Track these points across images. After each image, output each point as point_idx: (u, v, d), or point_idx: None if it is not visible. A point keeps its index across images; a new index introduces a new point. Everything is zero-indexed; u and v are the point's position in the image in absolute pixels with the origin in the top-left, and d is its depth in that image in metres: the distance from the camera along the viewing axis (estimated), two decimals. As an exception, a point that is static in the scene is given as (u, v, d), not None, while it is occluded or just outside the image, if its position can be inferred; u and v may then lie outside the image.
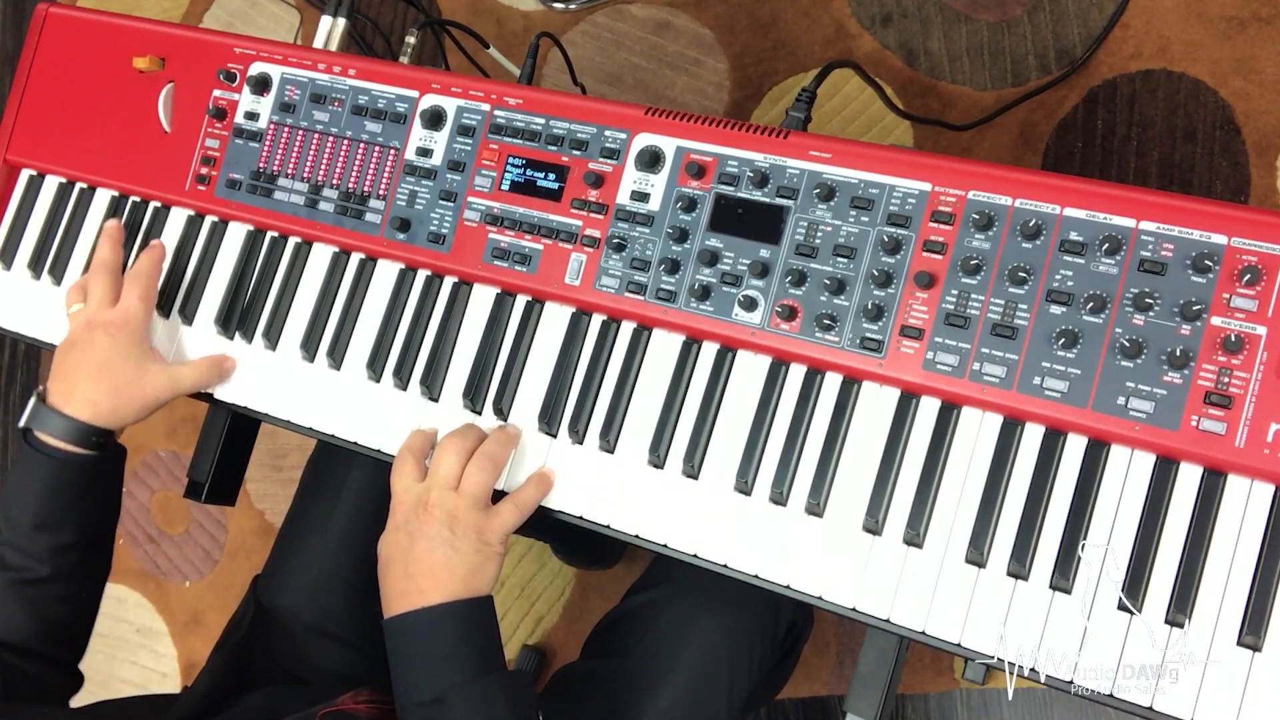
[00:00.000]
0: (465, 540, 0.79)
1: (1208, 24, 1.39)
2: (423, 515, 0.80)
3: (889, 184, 0.80)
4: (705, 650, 0.91)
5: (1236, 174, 1.35)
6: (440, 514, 0.80)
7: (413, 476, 0.83)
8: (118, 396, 0.89)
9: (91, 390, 0.88)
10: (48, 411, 0.88)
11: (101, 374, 0.89)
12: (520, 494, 0.84)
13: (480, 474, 0.81)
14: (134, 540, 1.93)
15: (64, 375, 0.89)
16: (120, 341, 0.90)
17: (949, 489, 0.76)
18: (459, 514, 0.80)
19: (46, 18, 1.09)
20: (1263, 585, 0.68)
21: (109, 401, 0.88)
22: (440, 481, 0.81)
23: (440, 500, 0.80)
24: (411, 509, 0.81)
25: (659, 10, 1.67)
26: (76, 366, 0.89)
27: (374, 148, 0.95)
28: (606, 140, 0.88)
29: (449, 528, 0.79)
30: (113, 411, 0.89)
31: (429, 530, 0.79)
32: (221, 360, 0.96)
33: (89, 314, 0.92)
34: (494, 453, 0.83)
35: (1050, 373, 0.74)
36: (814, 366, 0.81)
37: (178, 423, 1.93)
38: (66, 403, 0.88)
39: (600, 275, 0.87)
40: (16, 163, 1.10)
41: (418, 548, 0.79)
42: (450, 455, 0.82)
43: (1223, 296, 0.71)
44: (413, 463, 0.84)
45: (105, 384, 0.89)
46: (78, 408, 0.88)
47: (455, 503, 0.80)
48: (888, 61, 1.54)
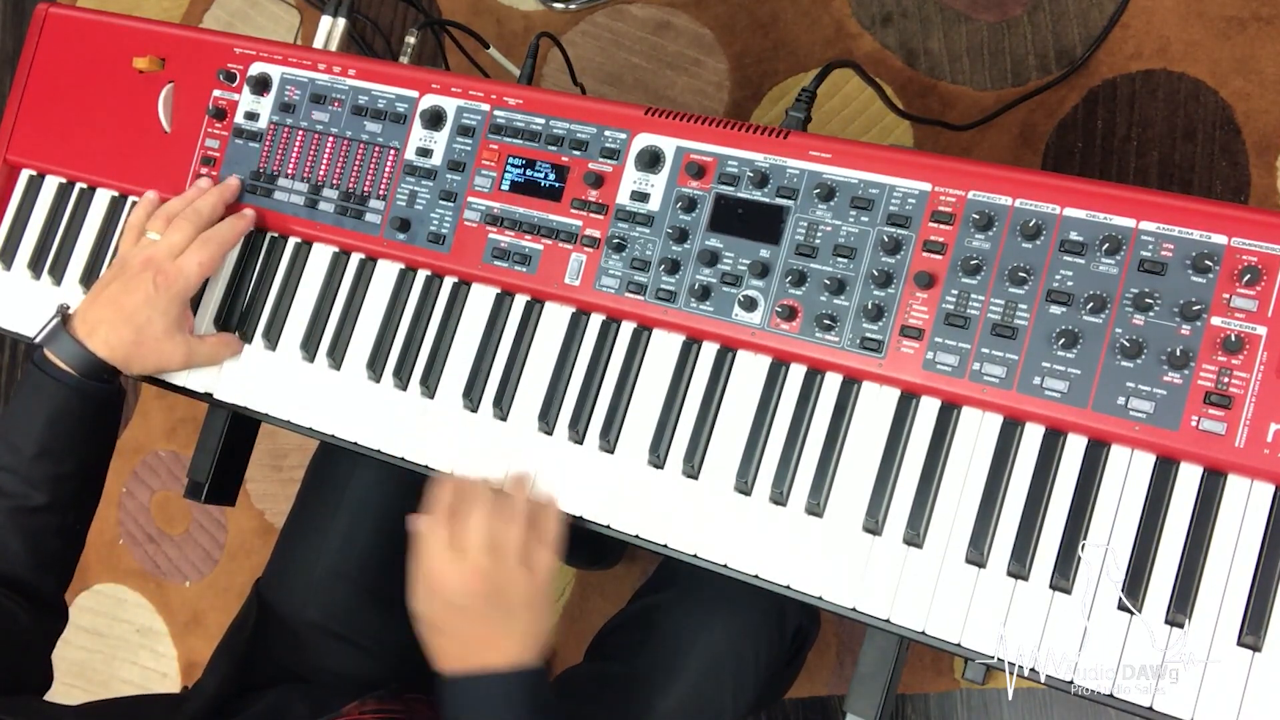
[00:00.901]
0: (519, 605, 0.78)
1: (1208, 24, 1.39)
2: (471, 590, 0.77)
3: (889, 184, 0.80)
4: (711, 654, 0.91)
5: (1236, 174, 1.35)
6: (488, 586, 0.77)
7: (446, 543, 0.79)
8: (137, 348, 0.89)
9: (114, 334, 0.88)
10: (66, 337, 0.88)
11: (131, 321, 0.89)
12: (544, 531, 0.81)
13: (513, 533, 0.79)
14: (134, 540, 1.93)
15: (97, 307, 0.89)
16: (161, 298, 0.89)
17: (949, 489, 0.76)
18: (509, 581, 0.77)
19: (46, 18, 1.09)
20: (1263, 585, 0.68)
21: (126, 350, 0.89)
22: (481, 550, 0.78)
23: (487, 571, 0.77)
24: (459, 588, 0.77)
25: (659, 10, 1.67)
26: (110, 302, 0.89)
27: (374, 148, 0.95)
28: (606, 140, 0.88)
29: (500, 597, 0.77)
30: (126, 359, 0.89)
31: (479, 605, 0.77)
32: (233, 340, 0.96)
33: (151, 253, 0.91)
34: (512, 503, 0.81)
35: (1050, 373, 0.74)
36: (814, 366, 0.81)
37: (177, 423, 1.93)
38: (88, 336, 0.88)
39: (600, 275, 0.87)
40: (16, 163, 1.10)
41: (471, 622, 0.78)
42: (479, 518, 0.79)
43: (1223, 296, 0.71)
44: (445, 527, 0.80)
45: (130, 332, 0.89)
46: (97, 344, 0.88)
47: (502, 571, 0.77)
48: (888, 61, 1.53)
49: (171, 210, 0.94)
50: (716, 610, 0.92)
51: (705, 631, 0.92)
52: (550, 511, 0.83)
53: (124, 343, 0.88)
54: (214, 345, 0.95)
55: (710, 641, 0.91)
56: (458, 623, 0.78)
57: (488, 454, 0.88)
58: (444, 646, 0.79)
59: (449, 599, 0.78)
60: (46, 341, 0.89)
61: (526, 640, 0.78)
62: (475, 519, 0.79)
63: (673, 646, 0.92)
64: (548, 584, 0.80)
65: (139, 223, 0.95)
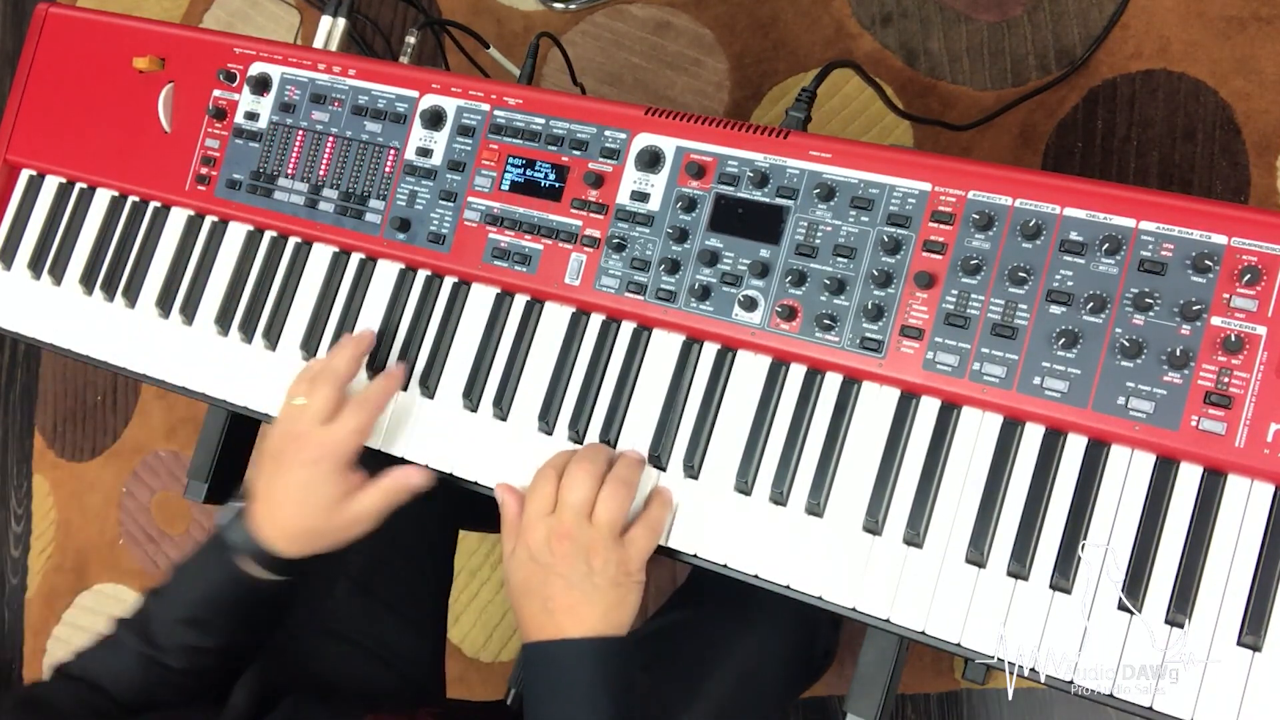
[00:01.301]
0: (605, 575, 0.76)
1: (1208, 24, 1.39)
2: (557, 548, 0.77)
3: (889, 184, 0.80)
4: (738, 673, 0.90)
5: (1236, 174, 1.35)
6: (577, 549, 0.76)
7: (548, 499, 0.79)
8: (310, 536, 0.84)
9: (290, 524, 0.83)
10: (242, 528, 0.83)
11: (298, 508, 0.83)
12: (650, 515, 0.80)
13: (614, 501, 0.78)
14: (134, 540, 1.93)
15: (266, 495, 0.84)
16: (321, 472, 0.83)
17: (949, 489, 0.76)
18: (597, 549, 0.77)
19: (46, 18, 1.09)
20: (1263, 585, 0.68)
21: (304, 540, 0.84)
22: (574, 511, 0.77)
23: (576, 533, 0.77)
24: (544, 541, 0.78)
25: (659, 10, 1.67)
26: (279, 489, 0.84)
27: (374, 148, 0.95)
28: (606, 140, 0.88)
29: (586, 562, 0.76)
30: (304, 547, 0.84)
31: (562, 566, 0.76)
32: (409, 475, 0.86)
33: (300, 426, 0.84)
34: (627, 478, 0.80)
35: (1050, 373, 0.74)
36: (814, 366, 0.81)
37: (177, 423, 1.93)
38: (263, 525, 0.83)
39: (600, 275, 0.87)
40: (16, 163, 1.10)
41: (554, 583, 0.77)
42: (582, 481, 0.78)
43: (1223, 296, 0.71)
44: (551, 484, 0.79)
45: (300, 521, 0.83)
46: (273, 535, 0.83)
47: (592, 536, 0.77)
48: (888, 61, 1.53)
49: (313, 371, 0.88)
50: (746, 629, 0.91)
51: (734, 648, 0.91)
52: (662, 499, 0.82)
53: (301, 534, 0.83)
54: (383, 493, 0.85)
55: (738, 660, 0.90)
56: (542, 582, 0.77)
57: (488, 454, 0.88)
58: (527, 611, 0.78)
59: (534, 553, 0.78)
60: (228, 533, 0.84)
61: (610, 617, 0.77)
62: (580, 481, 0.78)
63: (702, 663, 0.91)
64: (640, 568, 0.79)
65: (293, 391, 0.89)
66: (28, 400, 2.09)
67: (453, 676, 1.13)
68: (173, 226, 1.03)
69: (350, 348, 0.89)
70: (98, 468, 1.99)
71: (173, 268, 1.02)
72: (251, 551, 0.83)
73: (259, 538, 0.83)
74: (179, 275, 1.01)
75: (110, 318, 1.04)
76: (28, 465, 2.06)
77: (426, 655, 1.05)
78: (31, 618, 2.01)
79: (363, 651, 1.00)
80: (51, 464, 2.04)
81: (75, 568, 1.98)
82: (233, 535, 0.83)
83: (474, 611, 1.67)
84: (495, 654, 1.66)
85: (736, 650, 0.91)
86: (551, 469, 0.81)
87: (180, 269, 1.01)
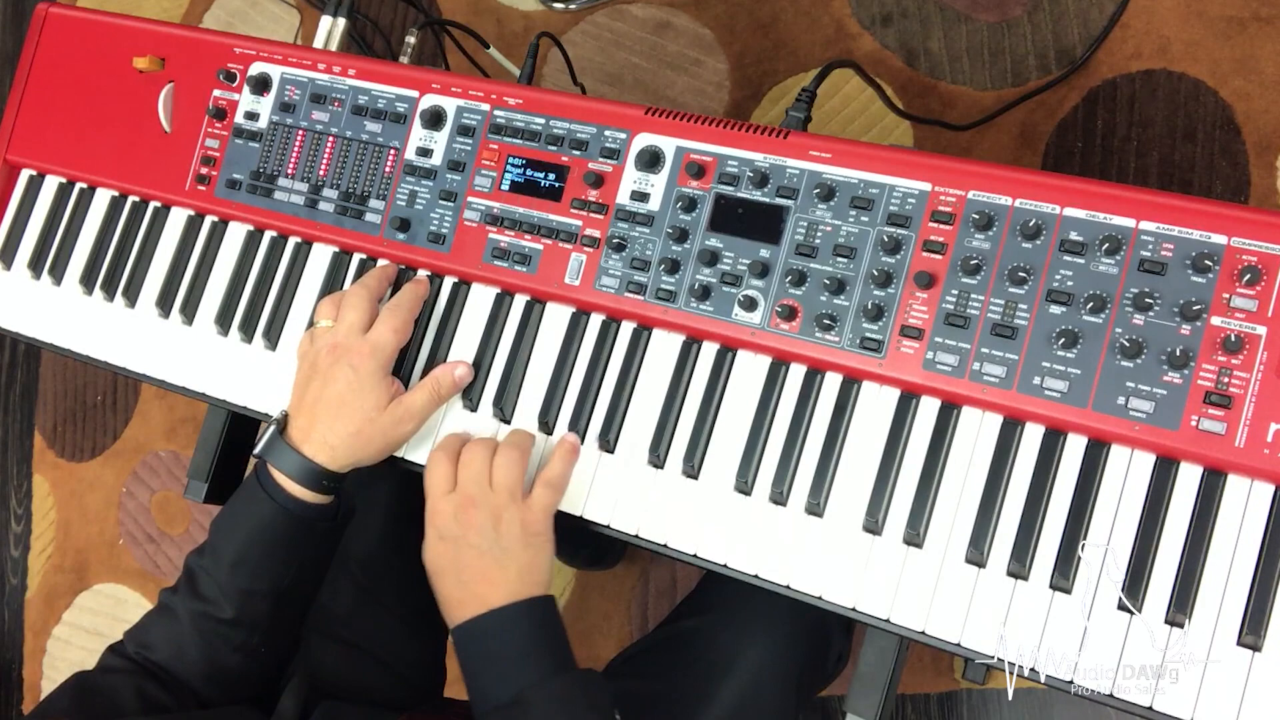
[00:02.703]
0: (511, 537, 0.78)
1: (1208, 24, 1.39)
2: (463, 519, 0.79)
3: (889, 184, 0.80)
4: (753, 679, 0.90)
5: (1236, 174, 1.35)
6: (480, 515, 0.78)
7: (447, 479, 0.81)
8: (356, 440, 0.83)
9: (330, 432, 0.83)
10: (284, 446, 0.83)
11: (341, 413, 0.83)
12: (548, 470, 0.82)
13: (509, 464, 0.80)
14: (134, 540, 1.93)
15: (305, 408, 0.84)
16: (364, 375, 0.83)
17: (949, 489, 0.76)
18: (499, 511, 0.79)
19: (46, 18, 1.09)
20: (1263, 585, 0.68)
21: (347, 446, 0.83)
22: (473, 478, 0.80)
23: (477, 499, 0.79)
24: (451, 516, 0.80)
25: (659, 10, 1.67)
26: (317, 400, 0.84)
27: (374, 148, 0.95)
28: (606, 140, 0.88)
29: (494, 528, 0.78)
30: (350, 455, 0.84)
31: (472, 536, 0.78)
32: (452, 368, 0.88)
33: (337, 338, 0.85)
34: (518, 442, 0.82)
35: (1050, 373, 0.74)
36: (814, 366, 0.81)
37: (177, 423, 1.93)
38: (304, 441, 0.83)
39: (600, 275, 0.87)
40: (16, 163, 1.10)
41: (465, 555, 0.78)
42: (476, 453, 0.81)
43: (1223, 296, 0.71)
44: (446, 464, 0.82)
45: (346, 426, 0.83)
46: (315, 448, 0.83)
47: (493, 500, 0.79)
48: (888, 61, 1.53)
49: (338, 295, 0.89)
50: (759, 635, 0.91)
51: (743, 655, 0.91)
52: (560, 451, 0.83)
53: (342, 440, 0.83)
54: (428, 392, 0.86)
55: (748, 666, 0.90)
56: (454, 558, 0.79)
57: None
58: (446, 591, 0.79)
59: (442, 530, 0.80)
60: (265, 453, 0.84)
61: (525, 578, 0.78)
62: (474, 453, 0.81)
63: (709, 670, 0.90)
64: (546, 525, 0.80)
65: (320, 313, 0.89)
66: (28, 400, 2.09)
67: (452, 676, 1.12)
68: (173, 226, 1.03)
69: (378, 270, 0.92)
70: (98, 468, 1.99)
71: (173, 268, 1.02)
72: (295, 469, 0.83)
73: (300, 448, 0.83)
74: (179, 275, 1.01)
75: (110, 318, 1.04)
76: (28, 465, 2.06)
77: (428, 658, 1.05)
78: (31, 618, 2.01)
79: (366, 655, 0.99)
80: (51, 464, 2.04)
81: (75, 568, 1.98)
82: (274, 458, 0.83)
83: (474, 611, 1.67)
84: (495, 654, 1.65)
85: (746, 657, 0.91)
86: (442, 450, 0.83)
87: (180, 269, 1.01)
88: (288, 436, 0.84)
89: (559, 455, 0.83)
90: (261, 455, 0.84)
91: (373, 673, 0.99)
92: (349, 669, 0.99)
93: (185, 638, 0.82)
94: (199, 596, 0.83)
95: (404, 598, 1.03)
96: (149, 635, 0.84)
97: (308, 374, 0.86)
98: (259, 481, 0.84)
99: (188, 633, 0.82)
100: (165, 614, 0.84)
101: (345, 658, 0.99)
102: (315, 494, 0.83)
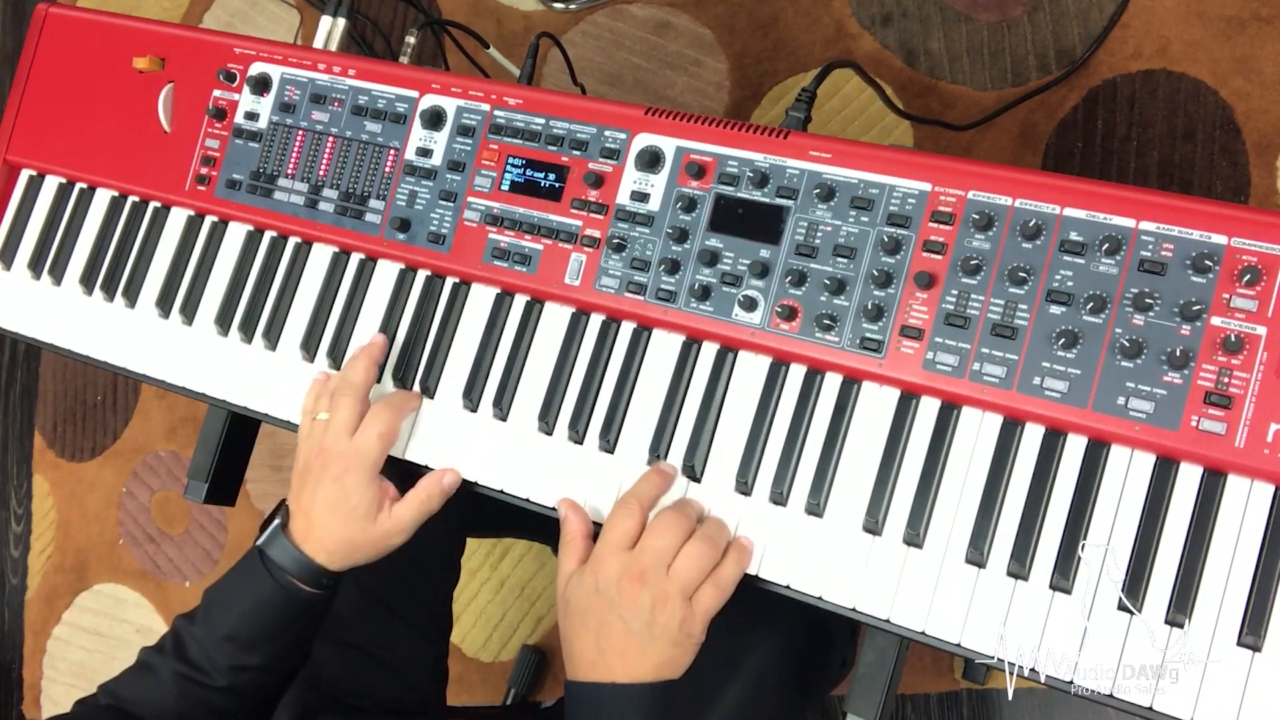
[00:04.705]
0: (665, 630, 0.74)
1: (1208, 24, 1.39)
2: (626, 589, 0.74)
3: (889, 184, 0.80)
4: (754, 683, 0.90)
5: (1236, 174, 1.35)
6: (644, 597, 0.74)
7: (628, 536, 0.77)
8: (350, 547, 0.84)
9: (327, 537, 0.83)
10: (285, 543, 0.84)
11: (334, 522, 0.83)
12: (722, 573, 0.77)
13: (698, 560, 0.75)
14: (134, 540, 1.93)
15: (301, 509, 0.85)
16: (349, 486, 0.83)
17: (949, 489, 0.76)
18: (666, 602, 0.74)
19: (46, 18, 1.09)
20: (1263, 585, 0.68)
21: (342, 552, 0.84)
22: (655, 556, 0.75)
23: (651, 579, 0.74)
24: (615, 578, 0.75)
25: (659, 10, 1.67)
26: (311, 505, 0.84)
27: (374, 148, 0.95)
28: (606, 140, 0.88)
29: (651, 613, 0.74)
30: (345, 559, 0.85)
31: (629, 610, 0.74)
32: (440, 478, 0.87)
33: (325, 440, 0.85)
34: (716, 539, 0.77)
35: (1050, 373, 0.74)
36: (814, 366, 0.81)
37: (177, 423, 1.93)
38: (304, 540, 0.84)
39: (600, 275, 0.87)
40: (16, 163, 1.10)
41: (612, 622, 0.75)
42: (672, 528, 0.76)
43: (1223, 296, 0.71)
44: (635, 520, 0.77)
45: (339, 534, 0.83)
46: (314, 549, 0.83)
47: (665, 588, 0.74)
48: (888, 61, 1.53)
49: (330, 386, 0.88)
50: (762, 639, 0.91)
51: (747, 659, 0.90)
52: (738, 559, 0.78)
53: (338, 545, 0.84)
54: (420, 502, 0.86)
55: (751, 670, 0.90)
56: (600, 617, 0.75)
57: (488, 454, 0.88)
58: (579, 644, 0.77)
59: (601, 585, 0.76)
60: (268, 546, 0.84)
61: (660, 672, 0.75)
62: (670, 528, 0.76)
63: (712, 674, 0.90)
64: (702, 631, 0.76)
65: (310, 407, 0.90)
66: (28, 400, 2.09)
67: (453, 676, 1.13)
68: (173, 226, 1.03)
69: (364, 357, 0.89)
70: (98, 468, 1.99)
71: (173, 268, 1.02)
72: (295, 566, 0.83)
73: (303, 551, 0.83)
74: (179, 275, 1.01)
75: (110, 318, 1.04)
76: (28, 465, 2.06)
77: (431, 659, 1.05)
78: (31, 618, 2.01)
79: (370, 659, 0.99)
80: (51, 464, 2.04)
81: (75, 568, 1.98)
82: (275, 552, 0.84)
83: (474, 611, 1.67)
84: (495, 654, 1.66)
85: (750, 661, 0.91)
86: (636, 502, 0.79)
87: (180, 269, 1.01)
88: (289, 532, 0.85)
89: (734, 559, 0.78)
90: (263, 549, 0.85)
91: (375, 674, 0.99)
92: (350, 670, 0.98)
93: (165, 697, 0.82)
94: (186, 661, 0.83)
95: (411, 604, 1.03)
96: (125, 690, 0.84)
97: (302, 472, 0.86)
98: (260, 560, 0.84)
99: (168, 692, 0.82)
100: (145, 671, 0.84)
101: (347, 659, 0.99)
102: (313, 588, 0.84)
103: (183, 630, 0.85)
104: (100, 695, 0.85)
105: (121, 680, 0.85)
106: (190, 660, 0.83)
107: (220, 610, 0.84)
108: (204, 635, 0.83)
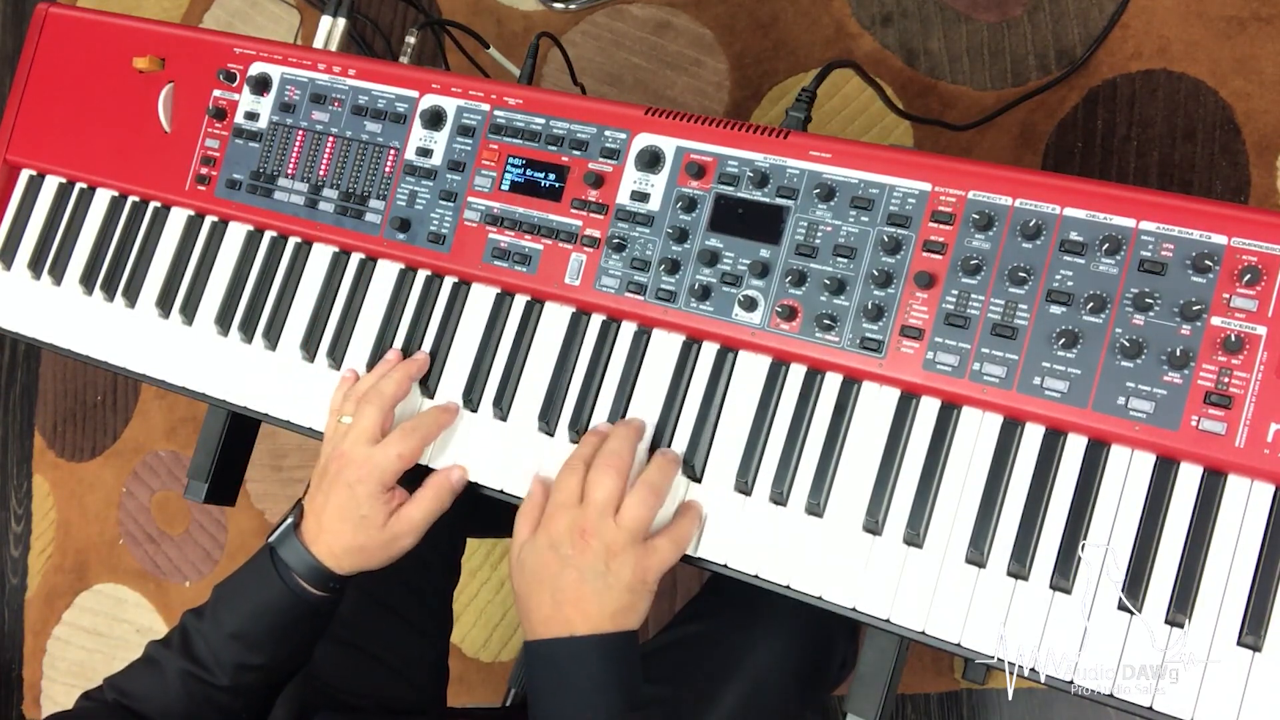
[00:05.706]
0: (620, 578, 0.75)
1: (1208, 24, 1.39)
2: (578, 542, 0.75)
3: (889, 184, 0.80)
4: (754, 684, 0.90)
5: (1236, 174, 1.35)
6: (597, 546, 0.75)
7: (574, 492, 0.78)
8: (359, 553, 0.84)
9: (335, 541, 0.83)
10: (296, 543, 0.84)
11: (344, 528, 0.83)
12: (677, 528, 0.79)
13: (642, 507, 0.76)
14: (134, 540, 1.93)
15: (314, 511, 0.85)
16: (361, 496, 0.83)
17: (949, 489, 0.76)
18: (617, 549, 0.75)
19: (46, 18, 1.09)
20: (1263, 585, 0.68)
21: (350, 557, 0.84)
22: (599, 508, 0.76)
23: (598, 530, 0.75)
24: (566, 531, 0.76)
25: (659, 10, 1.67)
26: (323, 508, 0.84)
27: (374, 148, 0.95)
28: (606, 140, 0.88)
29: (605, 562, 0.75)
30: (353, 564, 0.84)
31: (582, 561, 0.75)
32: (447, 475, 0.87)
33: (344, 445, 0.84)
34: (657, 483, 0.78)
35: (1050, 373, 0.74)
36: (814, 366, 0.81)
37: (178, 423, 1.93)
38: (314, 542, 0.84)
39: (600, 275, 0.87)
40: (16, 163, 1.10)
41: (567, 576, 0.75)
42: (608, 477, 0.77)
43: (1223, 296, 0.71)
44: (578, 476, 0.78)
45: (348, 539, 0.83)
46: (322, 552, 0.83)
47: (614, 536, 0.75)
48: (888, 61, 1.54)
49: (360, 390, 0.88)
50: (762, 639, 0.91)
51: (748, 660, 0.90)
52: (692, 512, 0.80)
53: (347, 550, 0.83)
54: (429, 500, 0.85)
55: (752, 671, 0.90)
56: (555, 574, 0.76)
57: (488, 454, 0.88)
58: (534, 602, 0.77)
59: (554, 541, 0.77)
60: (278, 545, 0.84)
61: (618, 618, 0.75)
62: (606, 477, 0.77)
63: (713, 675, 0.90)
64: (656, 578, 0.77)
65: (337, 406, 0.89)
66: (28, 400, 2.09)
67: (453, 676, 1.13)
68: (173, 226, 1.03)
69: (401, 370, 0.88)
70: (98, 468, 1.99)
71: (173, 268, 1.02)
72: (303, 567, 0.83)
73: (312, 553, 0.83)
74: (179, 275, 1.01)
75: (110, 318, 1.04)
76: (28, 465, 2.07)
77: (431, 658, 1.05)
78: (31, 618, 2.01)
79: (371, 659, 0.99)
80: (51, 464, 2.04)
81: (75, 568, 1.98)
82: (285, 552, 0.84)
83: (474, 611, 1.67)
84: (495, 654, 1.66)
85: (751, 662, 0.91)
86: (580, 460, 0.80)
87: (180, 269, 1.01)
88: (301, 532, 0.84)
89: (690, 515, 0.80)
90: (274, 546, 0.85)
91: (375, 673, 0.99)
92: (350, 670, 0.99)
93: (170, 693, 0.82)
94: (192, 658, 0.83)
95: (411, 604, 1.03)
96: (130, 684, 0.84)
97: (320, 472, 0.86)
98: (271, 561, 0.84)
99: (173, 688, 0.82)
100: (151, 666, 0.84)
101: (347, 658, 0.99)
102: (321, 591, 0.84)
103: (190, 626, 0.85)
104: (106, 690, 0.85)
105: (127, 675, 0.85)
106: (196, 658, 0.83)
107: (228, 608, 0.84)
108: (211, 632, 0.83)
